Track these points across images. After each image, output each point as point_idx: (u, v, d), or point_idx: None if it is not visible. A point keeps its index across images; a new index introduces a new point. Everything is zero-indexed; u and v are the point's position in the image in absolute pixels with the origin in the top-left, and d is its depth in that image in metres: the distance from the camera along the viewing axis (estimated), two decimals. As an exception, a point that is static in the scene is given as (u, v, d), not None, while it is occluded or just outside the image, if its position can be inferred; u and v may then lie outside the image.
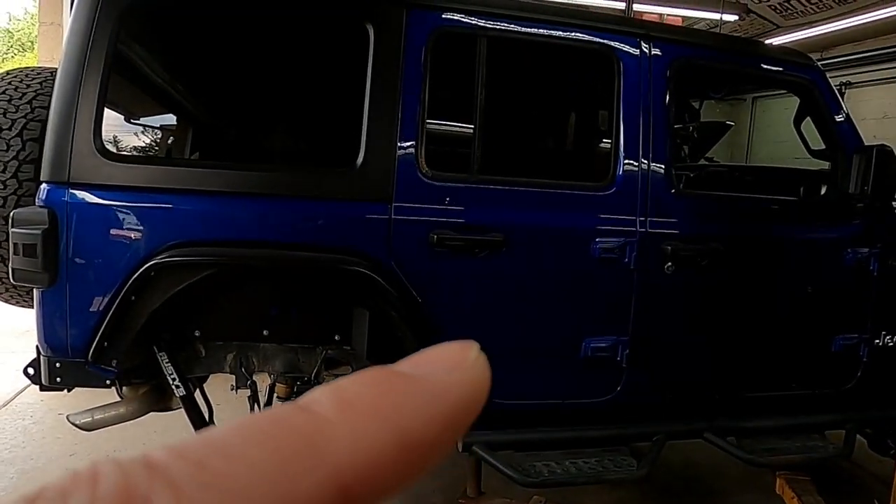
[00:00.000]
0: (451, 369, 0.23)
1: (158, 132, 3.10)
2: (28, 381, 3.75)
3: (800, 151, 3.46)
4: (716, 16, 7.79)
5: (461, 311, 2.54)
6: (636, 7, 7.01)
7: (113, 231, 2.34)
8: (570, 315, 2.68)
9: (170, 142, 3.11)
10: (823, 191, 3.35)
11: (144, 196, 2.36)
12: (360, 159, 2.42)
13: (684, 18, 8.45)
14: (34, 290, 2.41)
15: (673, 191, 2.74)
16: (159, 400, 2.73)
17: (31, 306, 2.90)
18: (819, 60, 3.44)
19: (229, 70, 2.82)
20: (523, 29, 2.65)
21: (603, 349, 2.67)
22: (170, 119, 3.18)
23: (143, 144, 2.88)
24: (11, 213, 2.33)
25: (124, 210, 2.34)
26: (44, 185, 2.33)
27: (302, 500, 0.19)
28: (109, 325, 2.31)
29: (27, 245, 2.29)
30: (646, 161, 2.69)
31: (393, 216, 2.43)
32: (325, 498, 0.19)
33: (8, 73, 2.83)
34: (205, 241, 2.36)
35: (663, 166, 2.71)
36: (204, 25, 2.71)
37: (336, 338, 2.57)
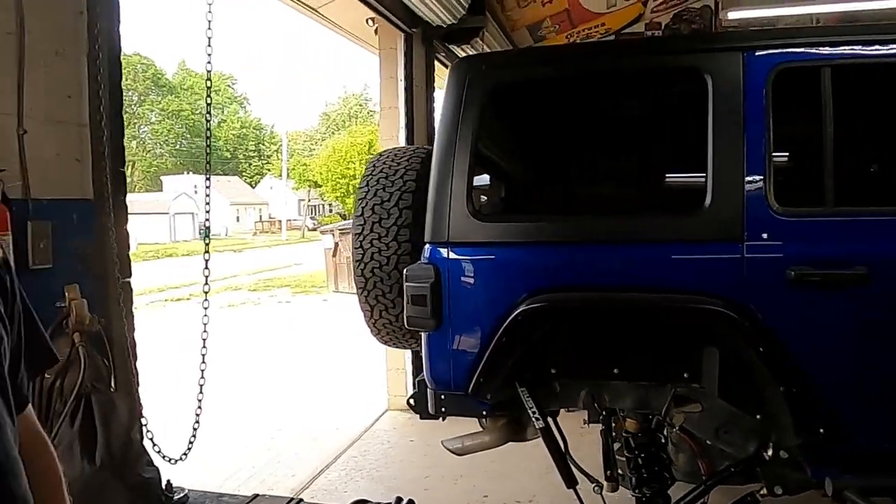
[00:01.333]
0: None
1: (497, 190, 3.50)
2: (382, 410, 4.22)
3: None
4: None
5: (822, 348, 2.44)
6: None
7: (484, 281, 2.71)
8: None
9: (508, 197, 3.48)
10: None
11: (508, 250, 2.71)
12: (707, 200, 2.50)
13: None
14: (421, 333, 2.86)
15: None
16: (517, 431, 3.03)
17: (407, 347, 3.41)
18: None
19: (573, 129, 3.11)
20: (869, 51, 2.54)
21: None
22: (502, 176, 3.57)
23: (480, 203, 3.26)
24: (405, 270, 2.80)
25: (492, 263, 2.70)
26: (427, 245, 2.78)
27: None
28: (486, 363, 2.66)
29: (417, 296, 2.74)
30: None
31: (746, 255, 2.45)
32: None
33: (381, 154, 3.43)
34: (558, 287, 2.61)
35: None
36: (550, 94, 3.02)
37: (685, 375, 2.63)
